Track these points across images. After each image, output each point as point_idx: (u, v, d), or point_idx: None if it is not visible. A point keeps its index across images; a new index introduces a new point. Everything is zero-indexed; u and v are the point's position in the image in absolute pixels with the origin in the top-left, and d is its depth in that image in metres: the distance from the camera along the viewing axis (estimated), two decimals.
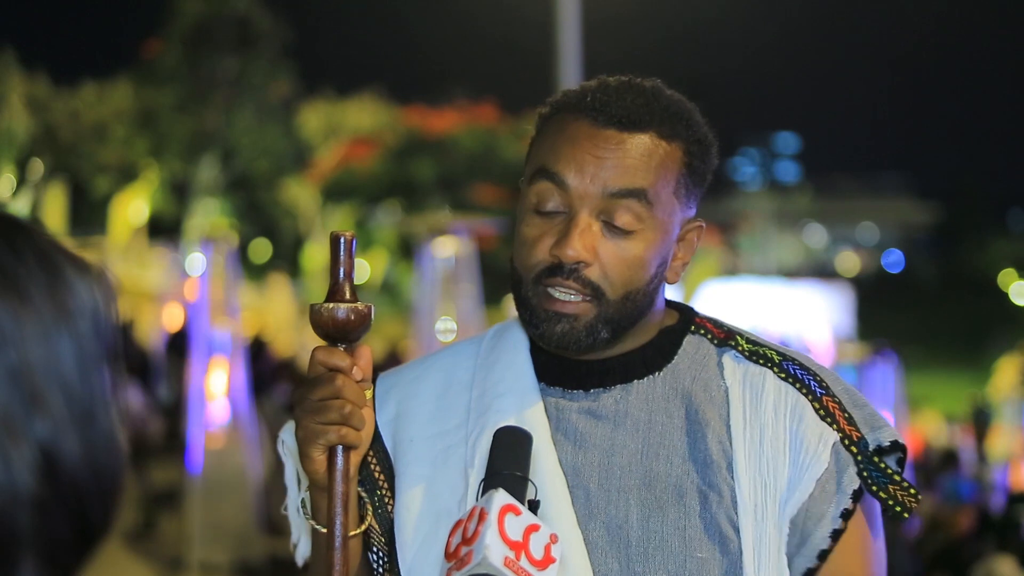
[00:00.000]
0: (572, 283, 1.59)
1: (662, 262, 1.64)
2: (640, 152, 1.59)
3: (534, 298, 1.62)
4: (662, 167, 1.60)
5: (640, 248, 1.60)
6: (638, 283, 1.61)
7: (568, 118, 1.62)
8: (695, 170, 1.64)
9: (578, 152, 1.59)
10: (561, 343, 1.62)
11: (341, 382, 1.52)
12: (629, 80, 1.66)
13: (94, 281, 0.94)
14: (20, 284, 0.89)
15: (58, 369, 0.89)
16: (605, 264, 1.59)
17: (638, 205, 1.58)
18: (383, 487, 1.71)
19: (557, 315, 1.60)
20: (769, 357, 1.70)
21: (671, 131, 1.61)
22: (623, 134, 1.59)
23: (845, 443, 1.63)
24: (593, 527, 1.61)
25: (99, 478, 0.91)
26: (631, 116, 1.59)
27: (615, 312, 1.61)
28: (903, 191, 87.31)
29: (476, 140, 43.39)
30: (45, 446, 0.87)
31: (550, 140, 1.63)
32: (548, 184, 1.61)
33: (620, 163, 1.58)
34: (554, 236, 1.60)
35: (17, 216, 0.95)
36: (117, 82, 39.61)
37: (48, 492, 0.87)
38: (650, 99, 1.62)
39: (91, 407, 0.91)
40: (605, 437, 1.65)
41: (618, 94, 1.61)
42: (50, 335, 0.90)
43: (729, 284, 39.48)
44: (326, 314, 1.53)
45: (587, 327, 1.60)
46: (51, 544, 0.88)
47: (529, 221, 1.63)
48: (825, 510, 1.61)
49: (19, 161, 33.74)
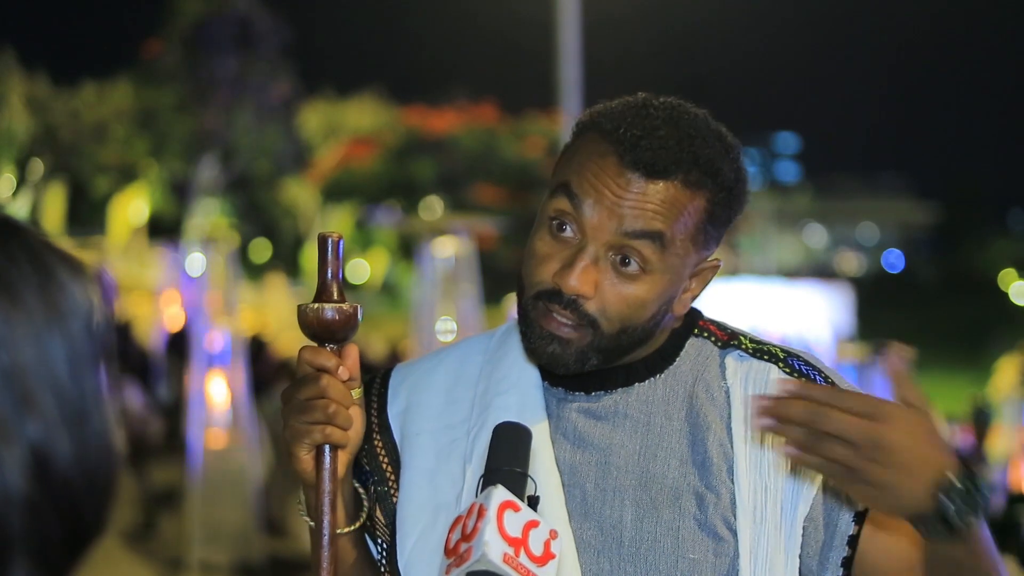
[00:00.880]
0: (568, 313, 1.59)
1: (668, 301, 1.64)
2: (661, 199, 1.57)
3: (532, 312, 1.62)
4: (682, 215, 1.59)
5: (644, 290, 1.60)
6: (636, 321, 1.61)
7: (601, 145, 1.60)
8: (717, 217, 1.63)
9: (600, 186, 1.58)
10: (550, 363, 1.63)
11: (326, 382, 1.53)
12: (671, 113, 1.62)
13: (88, 282, 0.94)
14: (12, 285, 0.89)
15: (50, 370, 0.89)
16: (605, 300, 1.59)
17: (651, 248, 1.58)
18: (390, 479, 1.72)
19: (550, 336, 1.61)
20: (774, 354, 1.70)
21: (697, 180, 1.59)
22: (647, 180, 1.57)
23: None
24: (587, 526, 1.62)
25: (92, 478, 0.91)
26: (659, 164, 1.57)
27: (608, 343, 1.61)
28: (903, 191, 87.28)
29: (476, 140, 43.42)
30: (36, 447, 0.87)
31: (579, 159, 1.62)
32: (567, 204, 1.60)
33: (639, 206, 1.57)
34: (560, 262, 1.59)
35: (9, 217, 0.94)
36: (117, 82, 39.67)
37: (40, 493, 0.87)
38: (683, 142, 1.58)
39: (83, 408, 0.91)
40: (604, 437, 1.65)
41: (653, 132, 1.58)
42: (41, 336, 0.89)
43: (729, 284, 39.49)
44: (312, 314, 1.54)
45: (577, 353, 1.61)
46: (43, 545, 0.88)
47: (543, 236, 1.63)
48: (842, 496, 1.61)
49: (19, 161, 33.78)
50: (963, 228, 71.44)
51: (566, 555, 1.60)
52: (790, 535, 1.60)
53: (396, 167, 42.77)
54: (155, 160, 37.85)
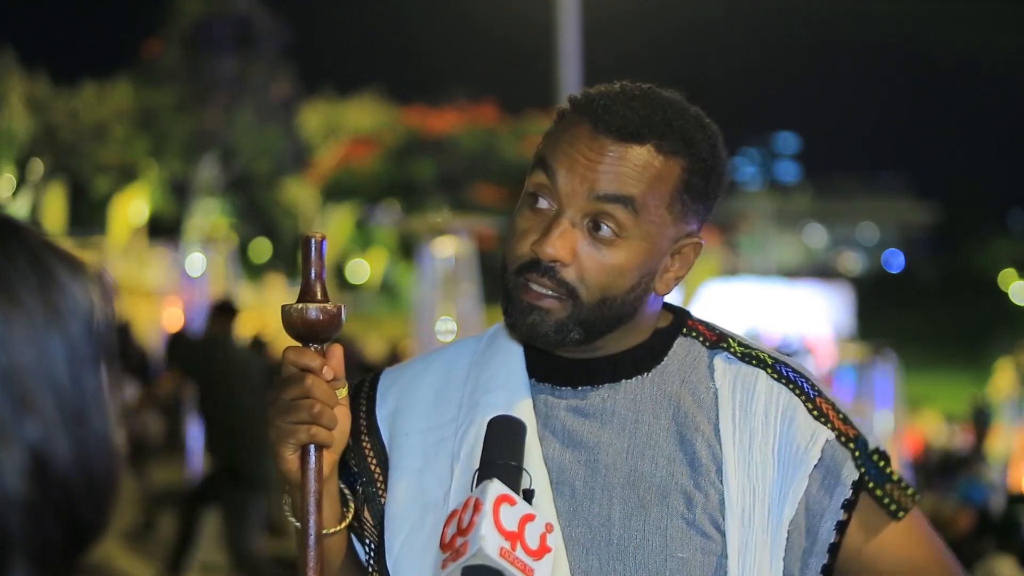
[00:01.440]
0: (547, 280, 1.60)
1: (647, 272, 1.63)
2: (634, 163, 1.59)
3: (513, 288, 1.63)
4: (656, 180, 1.60)
5: (621, 256, 1.60)
6: (616, 290, 1.61)
7: (575, 119, 1.63)
8: (694, 187, 1.63)
9: (573, 152, 1.60)
10: (530, 335, 1.63)
11: (311, 382, 1.53)
12: (646, 90, 1.66)
13: (88, 281, 0.93)
14: (10, 286, 0.88)
15: (49, 371, 0.89)
16: (583, 266, 1.60)
17: (624, 212, 1.59)
18: (378, 480, 1.73)
19: (530, 306, 1.61)
20: (762, 359, 1.70)
21: (671, 147, 1.60)
22: (619, 143, 1.59)
23: (841, 440, 1.66)
24: (576, 524, 1.63)
25: (91, 480, 0.90)
26: (630, 127, 1.59)
27: (588, 314, 1.61)
28: (903, 191, 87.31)
29: (476, 140, 43.43)
30: (35, 449, 0.87)
31: (555, 136, 1.65)
32: (543, 176, 1.62)
33: (611, 170, 1.59)
34: (538, 232, 1.61)
35: (9, 216, 0.94)
36: (117, 82, 39.66)
37: (39, 495, 0.87)
38: (655, 111, 1.61)
39: (83, 409, 0.90)
40: (592, 435, 1.66)
41: (625, 102, 1.61)
42: (40, 337, 0.89)
43: (729, 284, 39.52)
44: (296, 314, 1.54)
45: (557, 324, 1.61)
46: (43, 546, 0.87)
47: (522, 212, 1.65)
48: (826, 504, 1.63)
49: (19, 161, 33.77)
50: (963, 228, 71.48)
51: (555, 552, 1.60)
52: (775, 538, 1.62)
53: (396, 167, 42.78)
54: (155, 160, 37.85)
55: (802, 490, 1.62)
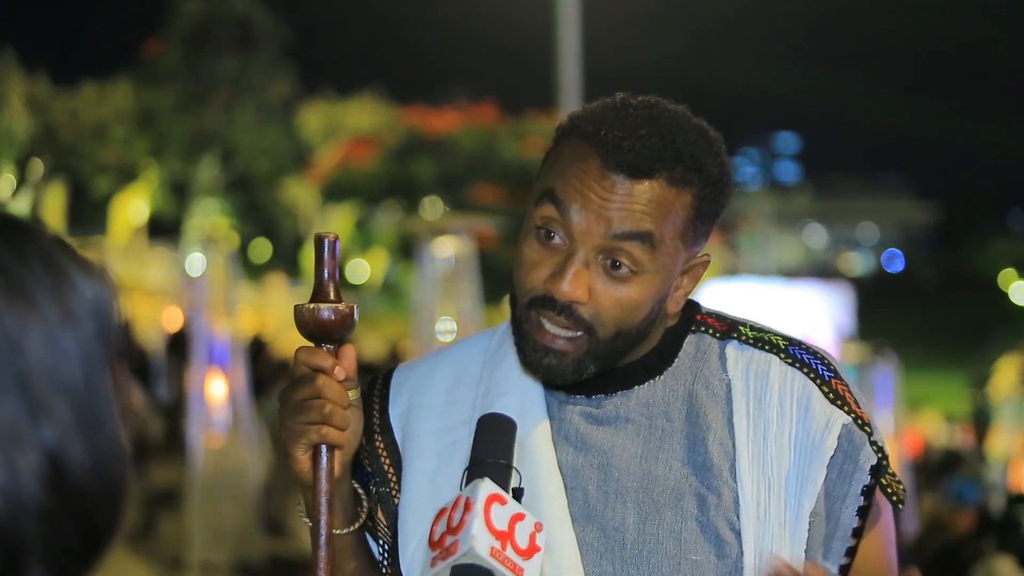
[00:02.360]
0: (563, 319, 1.59)
1: (660, 299, 1.63)
2: (647, 198, 1.57)
3: (526, 323, 1.62)
4: (670, 213, 1.58)
5: (636, 291, 1.59)
6: (630, 323, 1.61)
7: (583, 148, 1.59)
8: (704, 212, 1.62)
9: (585, 189, 1.57)
10: (547, 376, 1.63)
11: (322, 382, 1.53)
12: (652, 108, 1.62)
13: (99, 281, 0.92)
14: (25, 288, 0.87)
15: (64, 374, 0.87)
16: (599, 304, 1.59)
17: (640, 249, 1.57)
18: (392, 481, 1.73)
19: (545, 349, 1.60)
20: (775, 343, 1.70)
21: (682, 177, 1.58)
22: (631, 181, 1.56)
23: (858, 423, 1.64)
24: (589, 529, 1.62)
25: (106, 483, 0.89)
26: (642, 163, 1.56)
27: (604, 349, 1.61)
28: (903, 191, 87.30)
29: (476, 140, 43.36)
30: (51, 453, 0.86)
31: (562, 165, 1.61)
32: (553, 211, 1.59)
33: (625, 207, 1.56)
34: (551, 268, 1.59)
35: (20, 217, 0.93)
36: (117, 82, 39.64)
37: (55, 500, 0.86)
38: (665, 140, 1.58)
39: (97, 412, 0.89)
40: (605, 440, 1.65)
41: (634, 132, 1.57)
42: (56, 339, 0.87)
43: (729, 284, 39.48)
44: (308, 314, 1.54)
45: (575, 363, 1.60)
46: (59, 552, 0.86)
47: (531, 243, 1.62)
48: (847, 490, 1.62)
49: (19, 161, 33.75)
50: (963, 228, 71.46)
51: (570, 558, 1.60)
52: (795, 530, 1.61)
53: (396, 167, 42.72)
54: (155, 160, 37.82)
55: (821, 480, 1.61)
